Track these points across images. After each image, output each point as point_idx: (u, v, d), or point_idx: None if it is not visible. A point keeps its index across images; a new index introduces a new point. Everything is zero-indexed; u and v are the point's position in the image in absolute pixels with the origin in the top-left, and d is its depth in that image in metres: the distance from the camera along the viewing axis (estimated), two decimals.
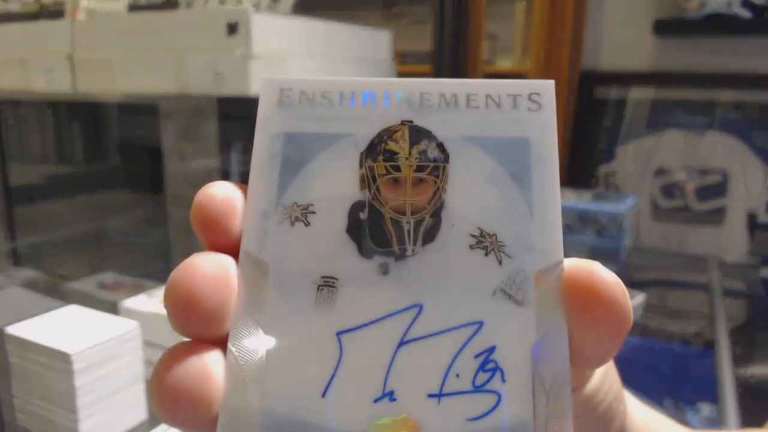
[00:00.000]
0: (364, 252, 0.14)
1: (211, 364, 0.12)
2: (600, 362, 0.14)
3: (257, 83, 0.70)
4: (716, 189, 1.49)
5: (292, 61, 0.76)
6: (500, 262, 0.13)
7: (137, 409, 0.58)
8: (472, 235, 0.14)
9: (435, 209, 0.14)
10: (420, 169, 0.14)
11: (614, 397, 0.16)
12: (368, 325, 0.13)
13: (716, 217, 1.49)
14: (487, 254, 0.13)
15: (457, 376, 0.13)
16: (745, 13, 1.37)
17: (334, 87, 0.15)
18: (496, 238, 0.14)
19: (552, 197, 0.14)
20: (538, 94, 0.15)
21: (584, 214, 0.99)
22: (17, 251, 1.03)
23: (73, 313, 0.59)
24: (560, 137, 1.57)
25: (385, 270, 0.13)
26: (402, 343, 0.13)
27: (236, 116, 0.78)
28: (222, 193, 0.13)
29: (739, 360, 0.73)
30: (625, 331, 0.13)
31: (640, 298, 0.81)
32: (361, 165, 0.14)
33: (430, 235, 0.14)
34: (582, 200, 1.02)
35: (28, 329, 0.56)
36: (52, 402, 0.54)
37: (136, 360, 0.57)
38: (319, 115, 0.14)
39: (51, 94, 0.90)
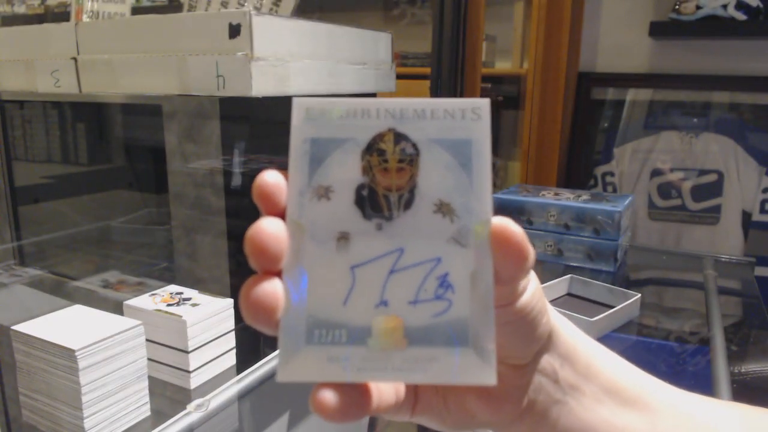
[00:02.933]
0: (366, 216, 0.20)
1: (275, 287, 0.19)
2: (512, 280, 0.21)
3: (259, 84, 0.71)
4: (711, 189, 1.50)
5: (294, 63, 0.77)
6: (452, 221, 0.20)
7: (141, 405, 0.59)
8: (435, 204, 0.20)
9: (411, 188, 0.20)
10: (401, 161, 0.21)
11: (539, 311, 0.23)
12: (370, 262, 0.20)
13: (711, 216, 1.50)
14: (444, 216, 0.20)
15: (426, 290, 0.20)
16: (740, 16, 1.38)
17: (343, 105, 0.21)
18: (450, 206, 0.20)
19: (485, 178, 0.20)
20: (479, 108, 0.21)
21: (582, 214, 1.00)
22: (22, 251, 1.04)
23: (77, 313, 0.60)
24: (559, 138, 1.58)
25: (379, 227, 0.20)
26: (392, 272, 0.20)
27: (238, 117, 0.79)
28: (272, 178, 0.20)
29: (734, 357, 0.73)
30: (525, 261, 0.20)
31: (636, 296, 0.82)
32: (362, 159, 0.21)
33: (407, 205, 0.20)
34: (580, 200, 1.03)
35: (34, 327, 0.56)
36: (57, 399, 0.55)
37: (139, 357, 0.58)
38: (333, 125, 0.21)
39: (56, 94, 0.90)
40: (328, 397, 0.19)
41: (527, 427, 0.26)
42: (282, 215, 0.20)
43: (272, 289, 0.19)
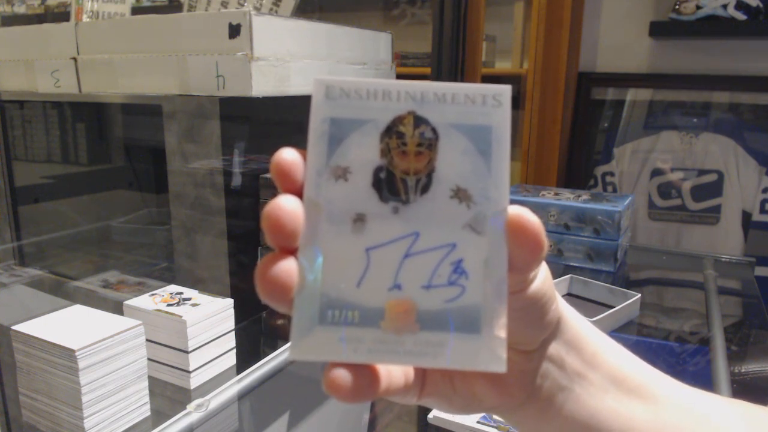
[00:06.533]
0: (383, 198, 0.20)
1: (291, 265, 0.20)
2: (526, 270, 0.21)
3: (259, 84, 0.71)
4: (711, 188, 1.50)
5: (294, 63, 0.77)
6: (468, 207, 0.20)
7: (141, 405, 0.59)
8: (452, 190, 0.20)
9: (428, 172, 0.20)
10: (419, 144, 0.20)
11: (549, 298, 0.24)
12: (385, 245, 0.20)
13: (711, 216, 1.50)
14: (460, 202, 0.20)
15: (439, 275, 0.20)
16: (740, 16, 1.38)
17: (363, 86, 0.21)
18: (467, 192, 0.20)
19: (504, 166, 0.20)
20: (500, 94, 0.21)
21: (582, 214, 1.00)
22: (22, 251, 1.04)
23: (77, 313, 0.60)
24: (559, 138, 1.58)
25: (396, 210, 0.20)
26: (406, 256, 0.20)
27: (238, 116, 0.79)
28: (290, 156, 0.20)
29: (734, 357, 0.74)
30: (540, 252, 0.21)
31: (636, 296, 0.82)
32: (381, 141, 0.20)
33: (425, 189, 0.20)
34: (580, 200, 1.03)
35: (34, 327, 0.56)
36: (57, 399, 0.55)
37: (139, 357, 0.58)
38: (353, 105, 0.21)
39: (56, 94, 0.91)
40: (341, 376, 0.19)
41: (533, 412, 0.26)
42: (299, 193, 0.20)
43: (288, 267, 0.19)
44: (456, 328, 0.19)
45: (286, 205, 0.19)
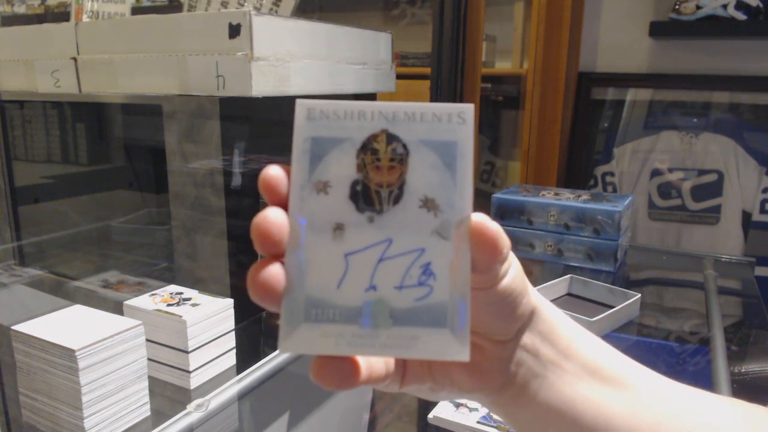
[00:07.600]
0: (359, 209, 0.22)
1: (278, 270, 0.22)
2: (488, 270, 0.24)
3: (259, 84, 0.71)
4: (711, 188, 1.50)
5: (294, 63, 0.77)
6: (436, 216, 0.22)
7: (141, 405, 0.59)
8: (421, 200, 0.22)
9: (400, 184, 0.22)
10: (392, 160, 0.22)
11: (519, 293, 0.26)
12: (362, 250, 0.22)
13: (711, 216, 1.50)
14: (429, 211, 0.22)
15: (410, 277, 0.22)
16: (740, 16, 1.38)
17: (341, 107, 0.23)
18: (434, 201, 0.22)
19: (468, 177, 0.22)
20: (464, 113, 0.23)
21: (582, 214, 1.00)
22: (23, 251, 1.04)
23: (77, 313, 0.60)
24: (559, 138, 1.58)
25: (371, 219, 0.22)
26: (381, 260, 0.22)
27: (238, 117, 0.79)
28: (275, 172, 0.23)
29: (734, 357, 0.74)
30: (499, 254, 0.23)
31: (636, 296, 0.82)
32: (357, 157, 0.23)
33: (397, 200, 0.22)
34: (580, 200, 1.03)
35: (34, 327, 0.56)
36: (57, 399, 0.55)
37: (139, 357, 0.58)
38: (332, 125, 0.23)
39: (56, 94, 0.91)
40: (325, 367, 0.22)
41: (508, 397, 0.28)
42: (284, 205, 0.22)
43: (275, 272, 0.22)
44: (425, 323, 0.22)
45: (273, 217, 0.22)
